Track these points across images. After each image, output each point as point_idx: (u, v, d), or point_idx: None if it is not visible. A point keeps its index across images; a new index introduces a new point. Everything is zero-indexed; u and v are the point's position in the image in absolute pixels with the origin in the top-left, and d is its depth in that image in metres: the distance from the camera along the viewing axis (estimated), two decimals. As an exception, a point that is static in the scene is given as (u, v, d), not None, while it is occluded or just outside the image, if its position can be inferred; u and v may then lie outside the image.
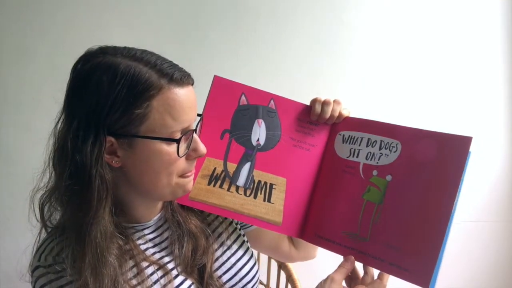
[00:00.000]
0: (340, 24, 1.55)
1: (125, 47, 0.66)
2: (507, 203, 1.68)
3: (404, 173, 0.68)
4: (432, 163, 0.66)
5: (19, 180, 1.42)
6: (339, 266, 0.70)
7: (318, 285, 0.68)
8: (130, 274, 0.69)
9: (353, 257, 0.70)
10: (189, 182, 0.71)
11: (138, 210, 0.73)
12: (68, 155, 0.63)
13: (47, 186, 0.68)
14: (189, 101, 0.66)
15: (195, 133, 0.69)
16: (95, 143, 0.62)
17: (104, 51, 0.65)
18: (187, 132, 0.67)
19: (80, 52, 0.70)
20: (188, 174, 0.70)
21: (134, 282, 0.68)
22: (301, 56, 1.54)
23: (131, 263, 0.70)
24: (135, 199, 0.71)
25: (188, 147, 0.68)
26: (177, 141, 0.65)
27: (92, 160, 0.62)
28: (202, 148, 0.69)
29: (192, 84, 0.69)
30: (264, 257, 1.19)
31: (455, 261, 1.66)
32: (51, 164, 0.67)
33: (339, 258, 0.72)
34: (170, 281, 0.71)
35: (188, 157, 0.69)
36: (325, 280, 0.68)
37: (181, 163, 0.68)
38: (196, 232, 0.76)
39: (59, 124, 0.67)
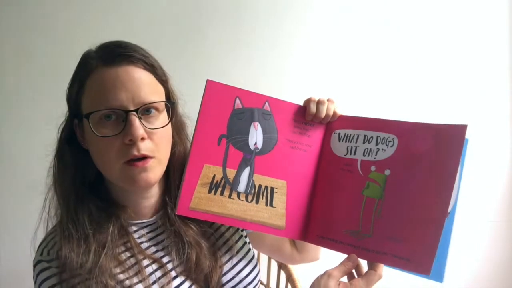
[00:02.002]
0: (340, 24, 1.54)
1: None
2: (507, 203, 1.68)
3: (402, 166, 0.69)
4: (429, 154, 0.66)
5: (19, 180, 1.43)
6: (340, 264, 0.69)
7: (314, 281, 0.67)
8: (131, 272, 0.69)
9: (355, 256, 0.70)
10: (134, 171, 0.67)
11: (127, 201, 0.74)
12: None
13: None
14: (116, 81, 0.65)
15: (136, 115, 0.66)
16: (66, 124, 0.73)
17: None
18: (104, 111, 0.65)
19: (80, 51, 0.72)
20: (137, 163, 0.67)
21: (135, 280, 0.69)
22: (301, 56, 1.54)
23: (132, 260, 0.70)
24: (114, 186, 0.74)
25: (122, 129, 0.66)
26: (85, 117, 0.66)
27: (61, 137, 0.74)
28: (133, 131, 0.65)
29: (136, 64, 0.68)
30: (264, 257, 1.19)
31: (455, 261, 1.65)
32: None
33: (340, 258, 0.71)
34: (169, 282, 0.71)
35: (124, 139, 0.66)
36: (322, 276, 0.67)
37: (114, 146, 0.66)
38: (195, 241, 0.75)
39: None
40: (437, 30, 1.58)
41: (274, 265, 1.17)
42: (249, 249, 0.83)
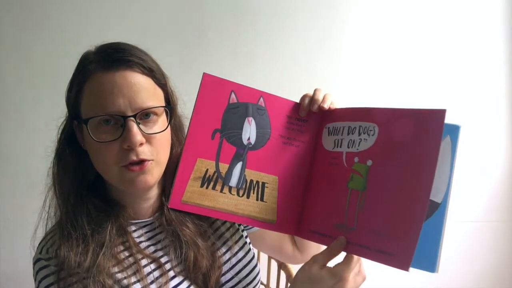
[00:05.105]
0: (340, 24, 1.55)
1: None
2: (507, 203, 1.68)
3: (383, 155, 0.67)
4: (408, 142, 0.64)
5: (19, 180, 1.43)
6: (327, 248, 0.67)
7: (301, 267, 0.66)
8: (129, 271, 0.69)
9: (344, 238, 0.66)
10: (132, 175, 0.67)
11: (127, 201, 0.74)
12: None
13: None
14: (114, 86, 0.65)
15: (134, 121, 0.66)
16: (66, 125, 0.73)
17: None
18: (102, 116, 0.65)
19: (80, 51, 0.72)
20: (134, 167, 0.67)
21: (133, 279, 0.69)
22: (300, 56, 1.54)
23: (130, 260, 0.70)
24: (114, 187, 0.73)
25: (121, 134, 0.65)
26: (84, 122, 0.66)
27: (61, 138, 0.74)
28: (131, 137, 0.65)
29: (133, 69, 0.67)
30: (264, 257, 1.19)
31: (455, 261, 1.65)
32: None
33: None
34: (166, 282, 0.71)
35: (122, 144, 0.66)
36: (308, 261, 0.66)
37: (113, 150, 0.66)
38: (192, 241, 0.74)
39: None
40: (436, 30, 1.58)
41: (274, 265, 1.17)
42: (249, 249, 0.83)
